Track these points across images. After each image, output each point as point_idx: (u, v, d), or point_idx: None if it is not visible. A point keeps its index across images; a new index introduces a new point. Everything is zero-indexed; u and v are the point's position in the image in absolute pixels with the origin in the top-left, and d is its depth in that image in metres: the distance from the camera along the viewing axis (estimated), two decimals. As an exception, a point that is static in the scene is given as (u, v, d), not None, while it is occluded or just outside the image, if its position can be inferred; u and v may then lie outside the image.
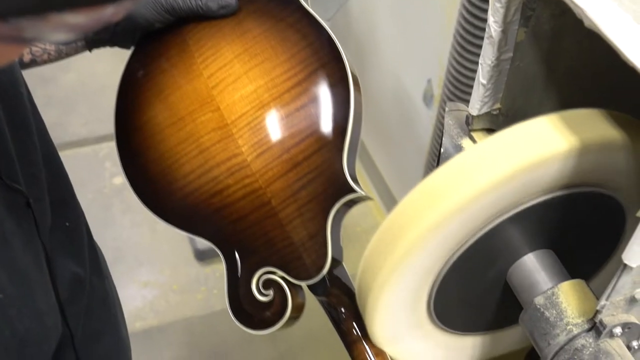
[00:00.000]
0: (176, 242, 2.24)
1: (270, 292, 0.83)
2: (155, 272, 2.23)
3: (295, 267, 0.83)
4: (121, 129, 0.94)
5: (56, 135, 2.68)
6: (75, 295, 0.83)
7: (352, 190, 0.83)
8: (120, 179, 2.49)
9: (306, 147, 0.84)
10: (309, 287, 0.85)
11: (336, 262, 0.84)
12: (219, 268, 2.17)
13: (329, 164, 0.83)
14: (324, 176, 0.83)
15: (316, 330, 1.97)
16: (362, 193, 0.84)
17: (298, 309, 0.84)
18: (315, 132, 0.84)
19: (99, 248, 0.96)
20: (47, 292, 0.75)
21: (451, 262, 0.70)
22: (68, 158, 2.58)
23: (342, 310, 0.83)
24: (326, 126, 0.85)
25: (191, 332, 2.07)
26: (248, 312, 0.84)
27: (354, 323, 0.81)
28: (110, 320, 0.92)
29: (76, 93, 2.79)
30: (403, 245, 0.66)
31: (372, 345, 0.79)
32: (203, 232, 0.87)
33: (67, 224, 0.83)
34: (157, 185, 0.89)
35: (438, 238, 0.66)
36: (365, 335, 0.80)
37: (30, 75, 0.85)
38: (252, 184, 0.85)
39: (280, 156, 0.85)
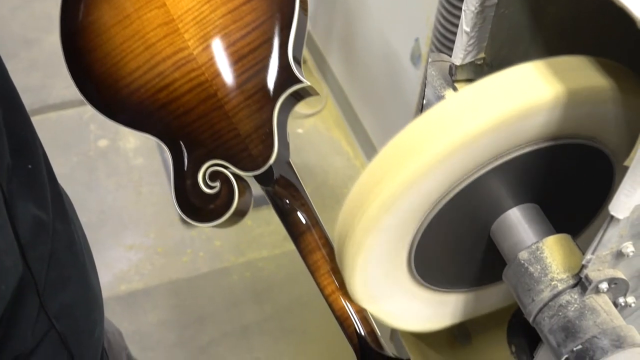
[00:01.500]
0: (161, 204, 2.21)
1: (217, 184, 0.84)
2: (140, 235, 2.20)
3: (242, 159, 0.84)
4: (66, 31, 0.94)
5: (40, 98, 2.65)
6: (38, 239, 0.80)
7: (298, 81, 0.85)
8: (105, 142, 2.46)
9: (252, 39, 0.86)
10: (257, 179, 0.86)
11: (282, 155, 0.85)
12: (205, 231, 2.15)
13: (275, 56, 0.85)
14: (269, 68, 0.85)
15: (303, 294, 1.97)
16: (308, 83, 0.85)
17: (244, 205, 0.85)
18: (261, 25, 0.86)
19: (64, 193, 0.93)
20: (5, 232, 0.73)
21: (431, 216, 0.68)
22: (52, 121, 2.56)
23: (287, 202, 0.84)
24: (272, 19, 0.86)
25: (176, 294, 2.06)
26: (195, 205, 0.84)
27: (298, 213, 0.84)
28: (78, 267, 0.89)
29: (60, 56, 2.74)
30: (381, 198, 0.63)
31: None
32: (150, 129, 0.88)
33: (30, 166, 0.81)
34: (104, 84, 0.90)
35: (417, 191, 0.64)
36: (315, 223, 0.83)
37: (13, 38, 0.82)
38: (198, 77, 0.86)
39: (226, 49, 0.86)
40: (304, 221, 0.83)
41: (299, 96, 0.87)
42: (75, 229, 0.92)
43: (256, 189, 0.88)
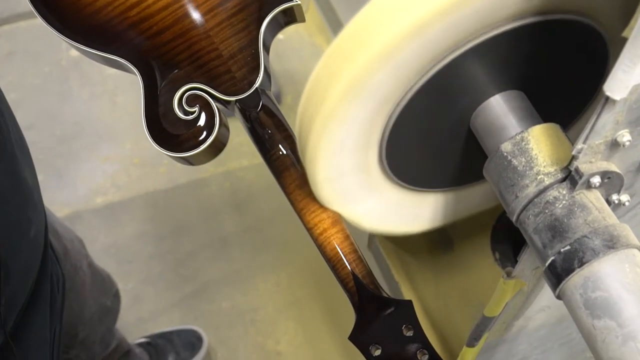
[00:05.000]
0: (137, 114, 2.11)
1: (195, 109, 0.76)
2: (116, 146, 2.12)
3: (224, 82, 0.77)
4: None
5: (9, 6, 2.54)
6: None
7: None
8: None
9: None
10: (240, 105, 0.78)
11: (266, 84, 0.79)
12: (182, 140, 2.07)
13: None
14: None
15: (284, 204, 1.90)
16: (298, 2, 0.79)
17: (223, 136, 0.78)
18: None
19: None
20: None
21: (404, 101, 0.61)
22: (22, 30, 2.45)
23: (269, 132, 0.77)
24: None
25: (154, 206, 2.00)
26: (169, 132, 0.77)
27: (281, 146, 0.76)
28: (5, 157, 0.82)
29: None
30: (343, 82, 0.56)
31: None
32: (117, 50, 0.80)
33: None
34: (63, 3, 0.80)
35: (388, 69, 0.56)
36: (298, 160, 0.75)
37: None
38: None
39: None
40: (288, 155, 0.75)
41: (285, 19, 0.80)
42: (4, 119, 0.84)
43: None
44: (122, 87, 2.22)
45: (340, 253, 0.72)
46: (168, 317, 1.78)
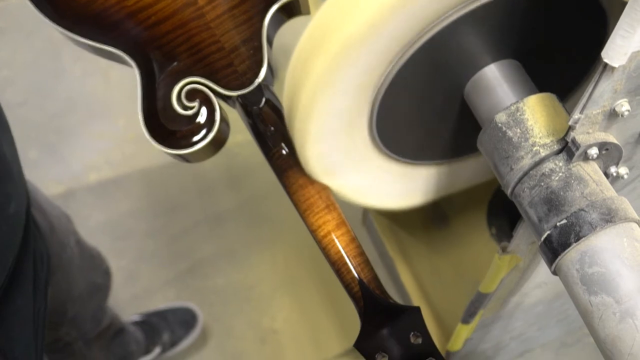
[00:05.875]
0: (130, 90, 2.09)
1: (195, 105, 0.73)
2: (110, 123, 2.10)
3: (226, 76, 0.75)
4: None
5: (-1, -18, 2.50)
6: None
7: None
8: (71, 26, 2.33)
9: None
10: (242, 100, 0.75)
11: (268, 78, 0.76)
12: (177, 116, 2.05)
13: None
14: None
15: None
16: None
17: (224, 132, 0.75)
18: None
19: None
20: None
21: (395, 70, 0.58)
22: (14, 6, 2.42)
23: (272, 129, 0.74)
24: None
25: (148, 183, 1.97)
26: (167, 129, 0.74)
27: (284, 144, 0.73)
28: None
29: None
30: (332, 49, 0.54)
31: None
32: (114, 41, 0.77)
33: None
34: None
35: (377, 37, 0.54)
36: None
37: None
38: None
39: None
40: (292, 154, 0.72)
41: (289, 11, 0.77)
42: None
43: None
44: (116, 63, 2.20)
45: (345, 257, 0.69)
46: (163, 295, 1.77)
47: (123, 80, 2.17)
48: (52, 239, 0.99)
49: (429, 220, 1.01)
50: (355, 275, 0.68)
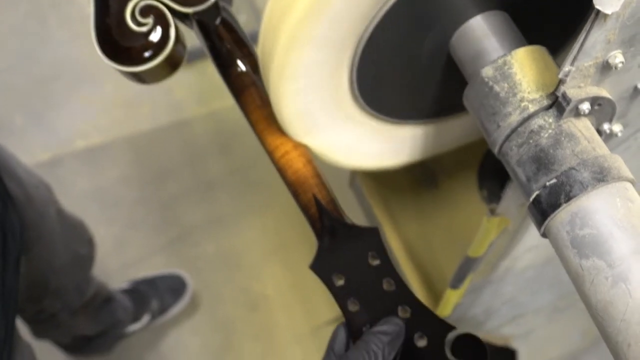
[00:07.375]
0: (118, 54, 2.06)
1: (149, 21, 0.71)
2: (97, 87, 2.06)
3: None
4: None
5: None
6: None
7: None
8: (57, -11, 2.28)
9: None
10: (198, 18, 0.72)
11: None
12: (165, 82, 2.01)
13: None
14: None
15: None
16: None
17: (179, 52, 0.72)
18: None
19: None
20: None
21: (375, 23, 0.55)
22: (-8, -35, 2.38)
23: (228, 47, 0.71)
24: None
25: (137, 149, 1.94)
26: (120, 46, 0.71)
27: (240, 63, 0.70)
28: None
29: None
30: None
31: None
32: None
33: None
34: None
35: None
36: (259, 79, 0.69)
37: None
38: None
39: None
40: (248, 73, 0.70)
41: None
42: None
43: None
44: (103, 27, 2.16)
45: (303, 176, 0.67)
46: (152, 262, 1.75)
47: (110, 44, 2.14)
48: (30, 209, 0.96)
49: (417, 182, 0.98)
50: (312, 195, 0.67)
